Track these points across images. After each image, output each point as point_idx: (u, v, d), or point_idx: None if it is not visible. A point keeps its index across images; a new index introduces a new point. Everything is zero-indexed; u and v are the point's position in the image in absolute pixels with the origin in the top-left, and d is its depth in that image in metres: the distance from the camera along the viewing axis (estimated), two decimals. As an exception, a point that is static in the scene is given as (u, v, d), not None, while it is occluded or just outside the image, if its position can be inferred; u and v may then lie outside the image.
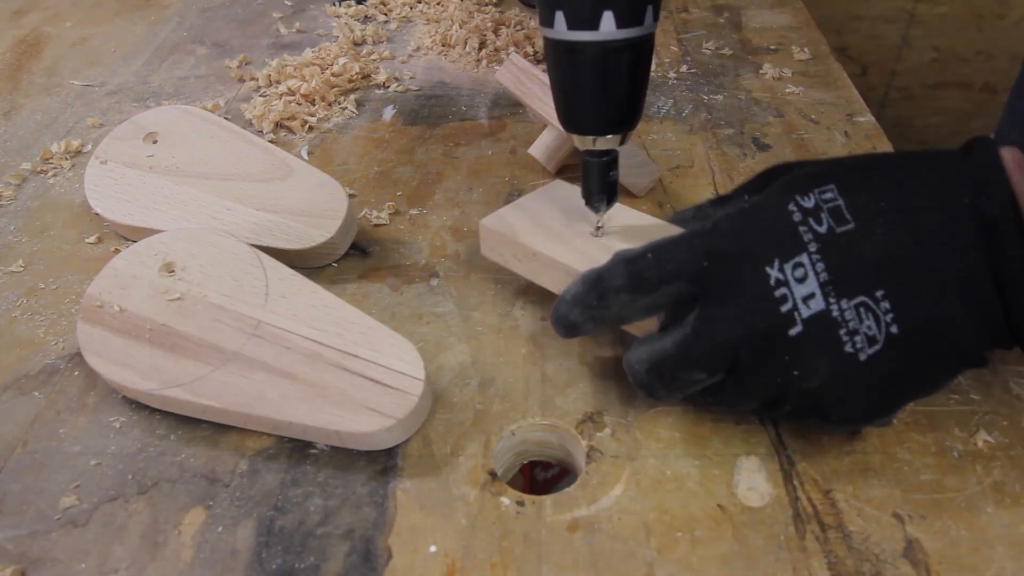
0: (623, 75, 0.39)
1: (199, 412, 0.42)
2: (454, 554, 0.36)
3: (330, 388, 0.41)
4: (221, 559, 0.37)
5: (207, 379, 0.42)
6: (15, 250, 0.56)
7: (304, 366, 0.42)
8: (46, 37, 0.86)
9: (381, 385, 0.41)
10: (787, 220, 0.36)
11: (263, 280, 0.46)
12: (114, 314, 0.45)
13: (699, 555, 0.36)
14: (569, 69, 0.40)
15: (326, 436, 0.40)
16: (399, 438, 0.40)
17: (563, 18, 0.38)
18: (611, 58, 0.39)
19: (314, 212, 0.52)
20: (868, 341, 0.35)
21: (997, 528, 0.36)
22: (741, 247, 0.37)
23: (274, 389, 0.41)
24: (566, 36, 0.38)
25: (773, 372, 0.36)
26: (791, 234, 0.36)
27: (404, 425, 0.40)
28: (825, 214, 0.36)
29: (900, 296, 0.35)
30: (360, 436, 0.39)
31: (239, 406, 0.41)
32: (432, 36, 0.81)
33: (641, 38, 0.38)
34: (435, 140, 0.66)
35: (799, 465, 0.39)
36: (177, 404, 0.42)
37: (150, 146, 0.57)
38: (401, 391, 0.40)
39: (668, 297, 0.38)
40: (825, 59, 0.75)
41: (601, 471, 0.40)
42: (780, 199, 0.37)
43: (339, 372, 0.41)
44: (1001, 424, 0.41)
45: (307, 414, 0.40)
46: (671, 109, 0.68)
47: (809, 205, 0.36)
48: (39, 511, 0.39)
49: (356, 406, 0.40)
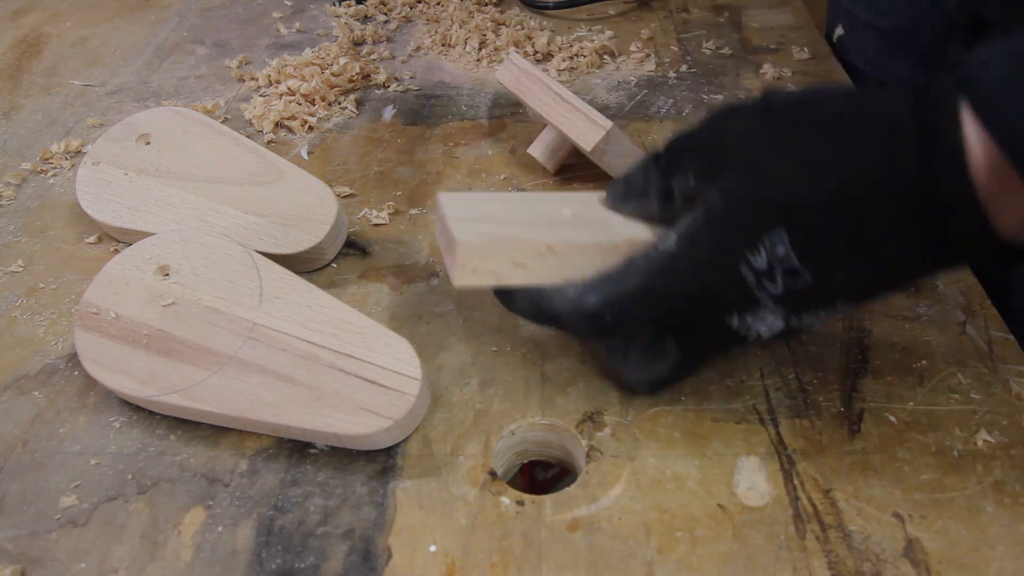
0: None
1: (197, 416, 0.42)
2: (454, 554, 0.36)
3: (326, 390, 0.41)
4: (221, 559, 0.37)
5: (204, 384, 0.42)
6: (15, 250, 0.56)
7: (300, 368, 0.42)
8: (46, 37, 0.86)
9: (377, 385, 0.40)
10: (742, 285, 0.35)
11: (257, 281, 0.45)
12: (110, 320, 0.45)
13: (699, 555, 0.36)
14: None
15: (324, 438, 0.40)
16: (397, 438, 0.40)
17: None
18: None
19: (303, 217, 0.52)
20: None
21: (997, 527, 0.36)
22: (697, 309, 0.37)
23: (271, 392, 0.41)
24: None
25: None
26: (748, 296, 0.35)
27: (402, 425, 0.40)
28: (780, 275, 0.34)
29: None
30: (358, 438, 0.39)
31: (237, 410, 0.41)
32: (432, 36, 0.81)
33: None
34: (435, 140, 0.66)
35: (799, 465, 0.39)
36: (175, 409, 0.42)
37: (143, 148, 0.57)
38: (398, 391, 0.40)
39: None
40: (825, 59, 0.75)
41: (601, 471, 0.40)
42: (729, 257, 0.34)
43: (335, 373, 0.41)
44: (1001, 423, 0.41)
45: (304, 417, 0.40)
46: (671, 109, 0.68)
47: (762, 266, 0.34)
48: (39, 511, 0.39)
49: (353, 407, 0.40)
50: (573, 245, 0.39)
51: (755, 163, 0.34)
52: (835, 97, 0.35)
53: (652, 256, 0.36)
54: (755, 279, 0.34)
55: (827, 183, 0.32)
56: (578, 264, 0.39)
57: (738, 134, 0.35)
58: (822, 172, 0.32)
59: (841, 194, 0.32)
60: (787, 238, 0.33)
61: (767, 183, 0.33)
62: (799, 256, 0.33)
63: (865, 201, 0.32)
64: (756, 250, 0.33)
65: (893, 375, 0.43)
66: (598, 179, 0.58)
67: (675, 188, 0.38)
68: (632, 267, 0.37)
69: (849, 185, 0.32)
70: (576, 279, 0.39)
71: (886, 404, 0.42)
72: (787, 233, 0.33)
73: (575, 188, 0.58)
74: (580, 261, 0.39)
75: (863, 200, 0.32)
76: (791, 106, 0.35)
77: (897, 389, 0.43)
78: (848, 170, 0.32)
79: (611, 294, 0.37)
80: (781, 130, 0.34)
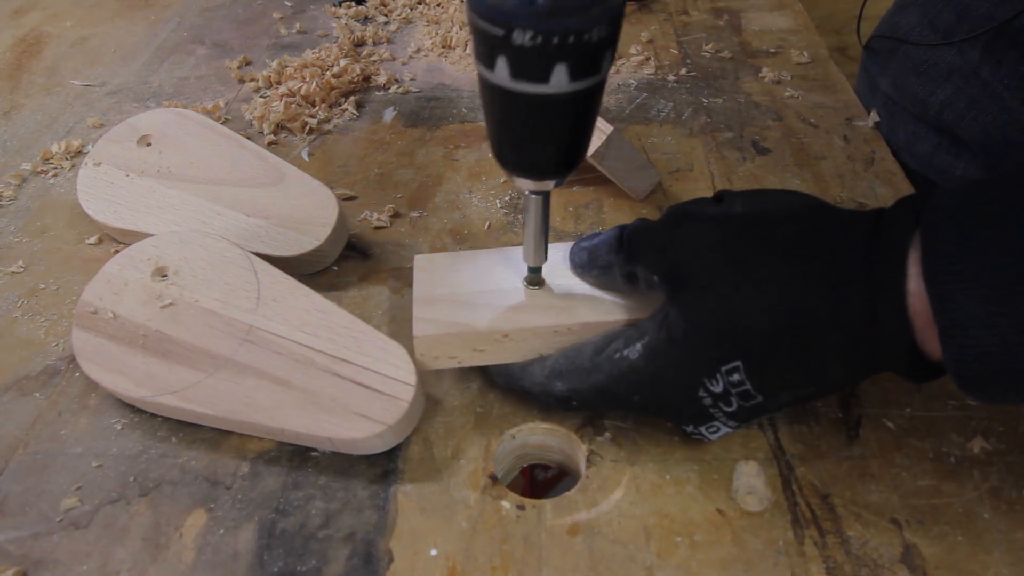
0: (569, 122, 0.34)
1: (193, 418, 0.42)
2: (455, 557, 0.37)
3: (321, 394, 0.41)
4: (222, 561, 0.37)
5: (200, 386, 0.42)
6: (15, 250, 0.56)
7: (295, 372, 0.42)
8: (46, 37, 0.86)
9: (372, 391, 0.41)
10: (699, 406, 0.37)
11: (255, 284, 0.46)
12: (108, 320, 0.45)
13: (698, 559, 0.36)
14: (509, 114, 0.34)
15: (318, 442, 0.41)
16: (390, 443, 0.40)
17: (506, 66, 0.31)
18: (559, 108, 0.33)
19: (304, 219, 0.52)
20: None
21: (994, 533, 0.37)
22: (656, 415, 0.40)
23: (265, 395, 0.41)
24: (509, 85, 0.31)
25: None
26: (703, 413, 0.38)
27: (395, 430, 0.40)
28: (734, 397, 0.36)
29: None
30: (351, 442, 0.39)
31: (231, 413, 0.41)
32: (432, 37, 0.81)
33: (593, 87, 0.32)
34: (435, 142, 0.66)
35: (798, 470, 0.40)
36: (171, 411, 0.42)
37: (143, 149, 0.57)
38: (392, 396, 0.40)
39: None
40: (824, 62, 0.75)
41: (601, 475, 0.40)
42: (690, 379, 0.36)
43: (330, 377, 0.41)
44: (998, 430, 0.41)
45: (298, 421, 0.40)
46: (671, 112, 0.68)
47: (718, 391, 0.36)
48: (41, 513, 0.39)
49: (347, 412, 0.40)
50: (528, 330, 0.41)
51: (714, 288, 0.35)
52: (792, 222, 0.36)
53: (616, 360, 0.39)
54: (711, 401, 0.37)
55: (782, 318, 0.34)
56: (533, 346, 0.42)
57: (698, 246, 0.37)
58: (778, 305, 0.34)
59: (795, 329, 0.34)
60: (743, 367, 0.35)
61: (726, 315, 0.35)
62: (753, 384, 0.35)
63: (816, 336, 0.34)
64: (713, 378, 0.36)
65: (891, 381, 0.43)
66: (598, 183, 0.58)
67: (639, 273, 0.39)
68: (598, 367, 0.39)
69: (802, 321, 0.34)
70: (535, 357, 0.42)
71: (884, 410, 0.42)
72: (743, 363, 0.35)
73: (575, 191, 0.58)
74: (534, 344, 0.41)
75: (814, 335, 0.34)
76: (749, 225, 0.36)
77: (895, 395, 0.43)
78: (801, 307, 0.34)
79: (576, 386, 0.40)
80: (739, 251, 0.35)
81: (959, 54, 0.61)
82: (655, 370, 0.37)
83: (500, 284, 0.43)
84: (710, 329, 0.35)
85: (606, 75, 0.33)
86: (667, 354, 0.37)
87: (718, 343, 0.35)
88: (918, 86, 0.64)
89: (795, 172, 0.60)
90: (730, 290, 0.35)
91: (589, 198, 0.58)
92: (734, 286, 0.35)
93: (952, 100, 0.62)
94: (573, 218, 0.56)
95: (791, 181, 0.59)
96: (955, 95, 0.61)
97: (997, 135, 0.60)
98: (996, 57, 0.58)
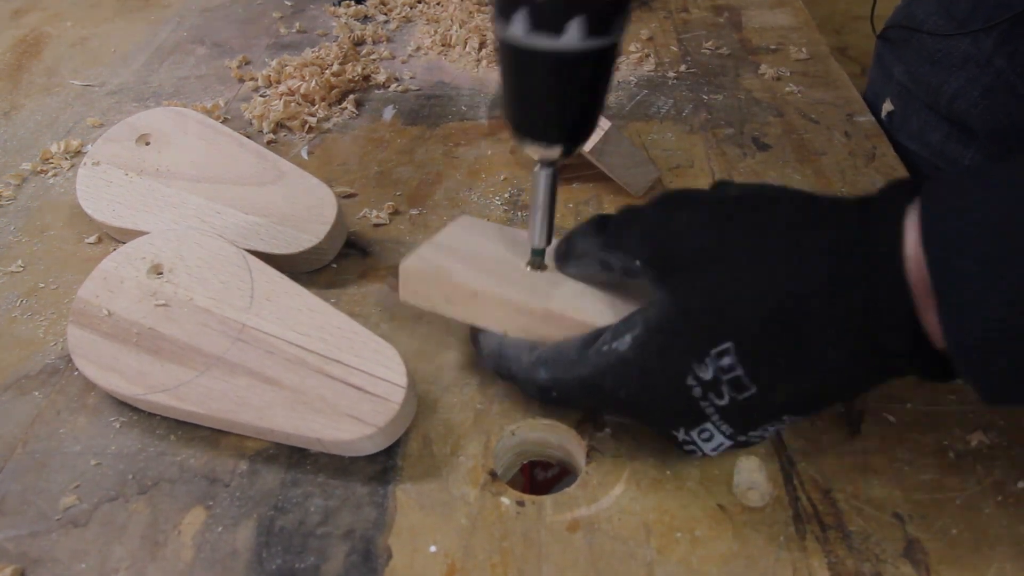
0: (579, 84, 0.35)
1: (184, 416, 0.42)
2: (454, 554, 0.36)
3: (312, 394, 0.40)
4: (221, 559, 0.37)
5: (192, 384, 0.42)
6: (15, 250, 0.56)
7: (287, 371, 0.41)
8: (46, 37, 0.86)
9: (363, 392, 0.40)
10: (686, 396, 0.35)
11: (249, 282, 0.45)
12: (102, 318, 0.45)
13: (699, 555, 0.36)
14: (522, 74, 0.35)
15: (308, 443, 0.40)
16: (380, 445, 0.40)
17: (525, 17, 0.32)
18: (571, 66, 0.34)
19: (303, 217, 0.52)
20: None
21: (997, 528, 0.36)
22: (643, 416, 0.38)
23: (257, 395, 0.41)
24: (524, 42, 0.33)
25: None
26: (693, 409, 0.36)
27: (386, 433, 0.39)
28: (726, 387, 0.34)
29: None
30: (340, 443, 0.39)
31: (223, 412, 0.40)
32: (432, 36, 0.81)
33: (605, 49, 0.34)
34: (435, 140, 0.66)
35: (799, 465, 0.39)
36: (163, 409, 0.42)
37: (143, 148, 0.57)
38: (382, 398, 0.40)
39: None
40: (824, 59, 0.75)
41: (601, 471, 0.40)
42: (677, 367, 0.35)
43: (321, 378, 0.41)
44: (1000, 424, 0.41)
45: (288, 421, 0.40)
46: (671, 109, 0.68)
47: (708, 378, 0.34)
48: (39, 511, 0.39)
49: (337, 413, 0.39)
50: (497, 299, 0.40)
51: (705, 268, 0.34)
52: (786, 201, 0.35)
53: (605, 353, 0.37)
54: (701, 391, 0.35)
55: (775, 296, 0.33)
56: (500, 317, 0.41)
57: (689, 228, 0.36)
58: (771, 284, 0.33)
59: (788, 308, 0.32)
60: (734, 348, 0.33)
61: (717, 295, 0.34)
62: (745, 368, 0.33)
63: (811, 315, 0.32)
64: (703, 363, 0.34)
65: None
66: (597, 179, 0.58)
67: (614, 262, 0.39)
68: (584, 359, 0.38)
69: (796, 299, 0.32)
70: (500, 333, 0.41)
71: (886, 404, 0.42)
72: (734, 344, 0.33)
73: (574, 188, 0.58)
74: (502, 315, 0.41)
75: (809, 314, 0.32)
76: (743, 206, 0.35)
77: (897, 389, 0.43)
78: (796, 284, 0.32)
79: (560, 376, 0.39)
80: (732, 232, 0.35)
81: (973, 43, 0.61)
82: (643, 361, 0.36)
83: (511, 257, 0.43)
84: (700, 309, 0.34)
85: (617, 41, 0.34)
86: (656, 340, 0.35)
87: (708, 323, 0.34)
88: (931, 75, 0.64)
89: (796, 168, 0.60)
90: (722, 268, 0.34)
91: (589, 195, 0.58)
92: (726, 265, 0.34)
93: (965, 89, 0.62)
94: (573, 215, 0.56)
95: (792, 177, 0.59)
96: (968, 84, 0.61)
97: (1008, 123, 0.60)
98: (1010, 46, 0.58)
